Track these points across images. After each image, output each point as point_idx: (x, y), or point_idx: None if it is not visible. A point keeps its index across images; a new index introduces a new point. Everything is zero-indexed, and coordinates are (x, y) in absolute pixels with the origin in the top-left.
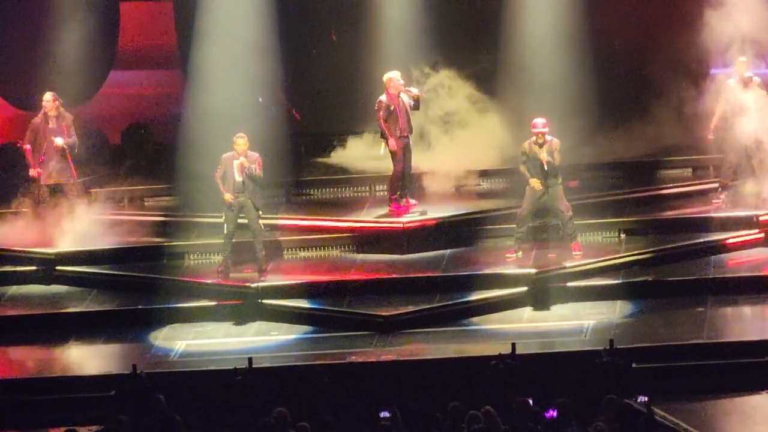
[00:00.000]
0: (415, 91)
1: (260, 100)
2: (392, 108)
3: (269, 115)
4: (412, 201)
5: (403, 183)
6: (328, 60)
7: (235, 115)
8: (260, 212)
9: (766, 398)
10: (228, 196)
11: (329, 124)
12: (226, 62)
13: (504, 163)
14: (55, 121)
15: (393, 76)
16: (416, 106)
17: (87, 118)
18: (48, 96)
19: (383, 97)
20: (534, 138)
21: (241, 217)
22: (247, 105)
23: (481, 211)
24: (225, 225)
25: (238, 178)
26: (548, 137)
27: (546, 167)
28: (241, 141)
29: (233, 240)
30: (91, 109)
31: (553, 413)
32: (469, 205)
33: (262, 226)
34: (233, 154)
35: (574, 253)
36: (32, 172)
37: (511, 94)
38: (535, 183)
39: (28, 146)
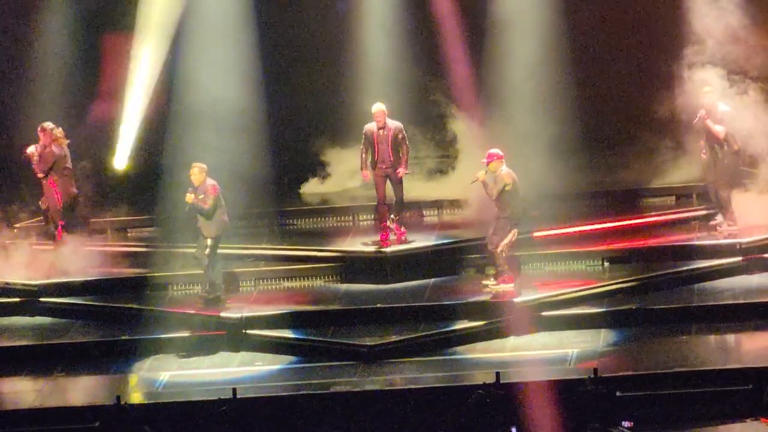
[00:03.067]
0: (387, 126)
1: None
2: (371, 139)
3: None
4: (397, 233)
5: (393, 212)
6: (311, 89)
7: (218, 144)
8: (209, 241)
9: (749, 426)
10: (189, 197)
11: (312, 154)
12: (209, 92)
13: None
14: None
15: (374, 110)
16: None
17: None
18: (42, 126)
19: (366, 127)
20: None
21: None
22: (230, 135)
23: (465, 240)
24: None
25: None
26: (503, 169)
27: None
28: (195, 171)
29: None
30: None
31: None
32: (452, 234)
33: (206, 255)
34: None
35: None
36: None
37: (493, 122)
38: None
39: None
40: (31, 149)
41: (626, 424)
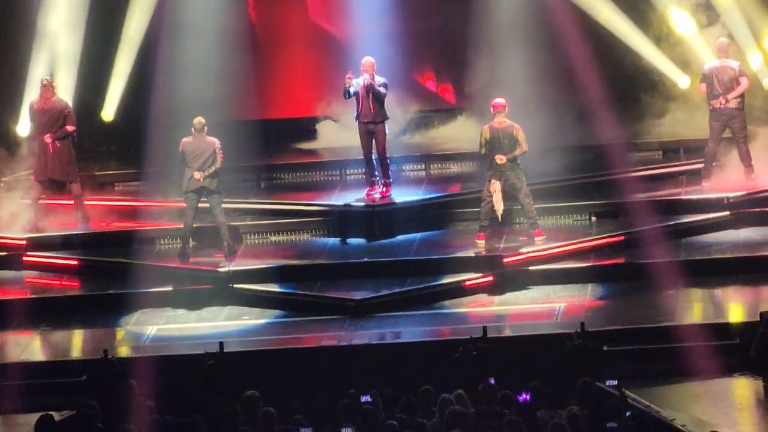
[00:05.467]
0: (374, 80)
1: None
2: (357, 91)
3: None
4: (383, 187)
5: (378, 167)
6: (300, 46)
7: (206, 99)
8: (219, 196)
9: (736, 381)
10: (198, 174)
11: (300, 109)
12: (196, 47)
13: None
14: None
15: (362, 61)
16: (372, 93)
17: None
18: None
19: (354, 81)
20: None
21: (203, 202)
22: (217, 89)
23: (452, 195)
24: (186, 210)
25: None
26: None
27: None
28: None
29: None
30: None
31: (525, 396)
32: (439, 189)
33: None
34: (191, 138)
35: (536, 239)
36: None
37: (484, 73)
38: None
39: None
40: (37, 102)
41: (612, 382)
